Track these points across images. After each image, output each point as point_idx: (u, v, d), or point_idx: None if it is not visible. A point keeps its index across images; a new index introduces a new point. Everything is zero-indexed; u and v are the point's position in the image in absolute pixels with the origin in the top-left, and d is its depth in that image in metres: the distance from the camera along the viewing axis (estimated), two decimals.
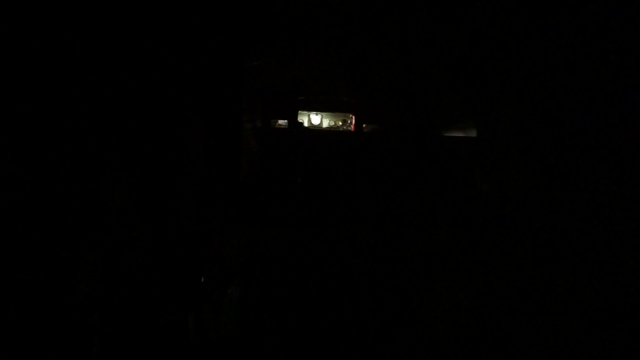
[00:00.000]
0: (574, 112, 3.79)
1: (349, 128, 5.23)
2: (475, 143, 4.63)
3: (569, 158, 3.69)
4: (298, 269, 3.52)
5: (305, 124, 5.17)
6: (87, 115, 2.78)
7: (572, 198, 3.53)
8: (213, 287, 3.29)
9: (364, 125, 5.12)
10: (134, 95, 3.00)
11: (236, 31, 3.72)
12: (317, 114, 5.23)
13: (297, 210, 3.90)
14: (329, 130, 5.21)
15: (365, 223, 3.99)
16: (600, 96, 3.68)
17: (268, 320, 3.28)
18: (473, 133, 4.78)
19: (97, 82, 2.79)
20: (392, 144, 4.69)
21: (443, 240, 3.82)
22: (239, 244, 3.43)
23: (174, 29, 3.12)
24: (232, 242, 3.41)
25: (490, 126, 4.65)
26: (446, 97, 4.83)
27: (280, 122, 5.19)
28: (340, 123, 5.28)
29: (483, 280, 3.51)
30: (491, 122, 4.65)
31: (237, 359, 3.17)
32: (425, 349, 3.16)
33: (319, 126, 5.24)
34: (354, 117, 5.15)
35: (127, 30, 2.88)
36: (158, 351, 3.01)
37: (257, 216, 3.64)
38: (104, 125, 2.87)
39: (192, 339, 3.14)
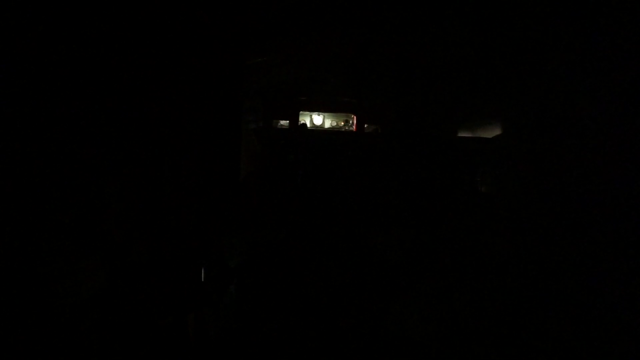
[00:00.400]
0: (576, 113, 3.77)
1: (351, 128, 5.23)
2: (478, 143, 4.61)
3: (571, 159, 3.68)
4: (298, 269, 3.52)
5: (308, 125, 5.18)
6: (86, 115, 2.79)
7: (574, 200, 3.51)
8: (213, 287, 3.30)
9: (365, 126, 5.13)
10: (132, 94, 3.00)
11: (237, 30, 3.72)
12: (319, 114, 5.24)
13: (297, 211, 3.89)
14: (330, 130, 5.22)
15: (366, 224, 3.99)
16: (603, 98, 3.66)
17: (266, 320, 3.28)
18: (475, 133, 4.77)
19: (95, 82, 2.79)
20: (393, 145, 4.69)
21: (444, 241, 3.81)
22: (238, 244, 3.43)
23: (173, 27, 3.12)
24: (232, 242, 3.41)
25: (492, 126, 4.64)
26: (448, 97, 4.82)
27: (282, 122, 5.21)
28: (343, 123, 5.29)
29: (484, 281, 3.50)
30: (493, 122, 4.64)
31: (236, 359, 3.17)
32: (424, 349, 3.15)
33: (321, 126, 5.25)
34: (355, 117, 5.16)
35: (124, 28, 2.88)
36: (158, 351, 3.01)
37: (257, 217, 3.64)
38: (102, 125, 2.87)
39: (192, 339, 3.14)
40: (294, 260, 3.53)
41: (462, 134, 4.86)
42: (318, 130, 5.15)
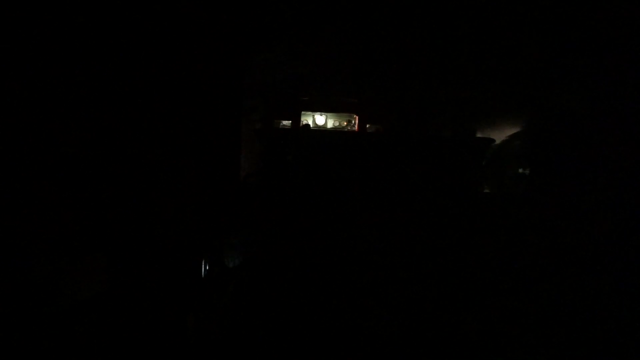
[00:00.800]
0: (577, 112, 3.74)
1: (353, 128, 5.23)
2: (479, 143, 4.59)
3: (573, 160, 3.66)
4: (297, 269, 3.51)
5: (310, 125, 5.19)
6: (86, 115, 2.80)
7: (575, 200, 3.49)
8: (213, 287, 3.30)
9: (367, 126, 5.12)
10: (132, 94, 3.00)
11: (237, 30, 3.72)
12: (321, 115, 5.24)
13: (296, 211, 3.89)
14: (332, 130, 5.22)
15: (368, 223, 3.97)
16: (606, 100, 3.63)
17: (265, 319, 3.28)
18: (476, 133, 4.75)
19: (95, 81, 2.80)
20: (394, 144, 4.68)
21: (445, 240, 3.79)
22: (238, 244, 3.43)
23: (173, 26, 3.11)
24: (232, 242, 3.41)
25: (494, 126, 4.62)
26: (449, 97, 4.81)
27: (284, 122, 5.21)
28: (345, 123, 5.28)
29: (485, 280, 3.48)
30: (495, 122, 4.62)
31: (236, 359, 3.17)
32: (423, 348, 3.13)
33: (324, 126, 5.25)
34: (357, 117, 5.15)
35: (124, 26, 2.88)
36: (158, 351, 3.02)
37: (257, 217, 3.64)
38: (102, 125, 2.88)
39: (192, 338, 3.15)
40: (294, 260, 3.53)
41: (462, 134, 4.83)
42: (320, 130, 5.15)
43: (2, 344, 2.44)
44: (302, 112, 5.16)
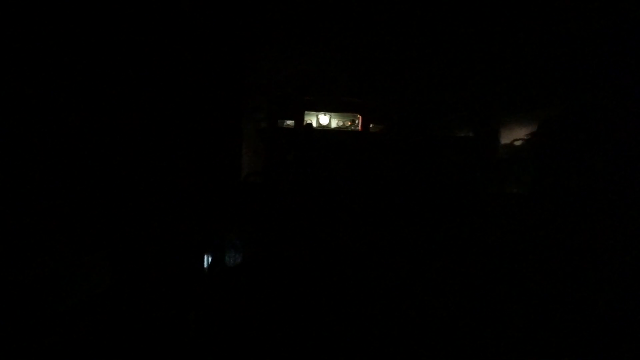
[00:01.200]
0: (582, 112, 3.71)
1: (357, 128, 5.22)
2: (481, 143, 4.56)
3: (573, 158, 3.63)
4: (298, 269, 3.51)
5: (314, 124, 5.19)
6: (87, 114, 2.81)
7: (574, 197, 3.46)
8: (213, 286, 3.31)
9: (370, 125, 5.12)
10: (134, 93, 3.02)
11: (241, 28, 3.73)
12: (325, 114, 5.25)
13: (299, 210, 3.89)
14: (335, 130, 5.22)
15: (371, 223, 3.97)
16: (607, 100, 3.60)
17: (265, 319, 3.28)
18: (479, 133, 4.72)
19: (95, 80, 2.82)
20: (397, 144, 4.66)
21: (448, 240, 3.78)
22: (238, 244, 3.44)
23: (174, 23, 3.12)
24: (232, 242, 3.42)
25: (495, 126, 4.59)
26: (452, 96, 4.79)
27: (288, 122, 5.22)
28: (349, 123, 5.28)
29: (486, 280, 3.46)
30: (496, 121, 4.60)
31: (236, 358, 3.17)
32: (423, 349, 3.12)
33: (327, 126, 5.26)
34: (360, 117, 5.15)
35: (124, 24, 2.89)
36: (158, 351, 3.03)
37: (258, 216, 3.65)
38: (104, 124, 2.90)
39: (194, 337, 3.16)
40: (294, 260, 3.53)
41: (466, 134, 4.81)
42: (323, 130, 5.15)
43: (4, 344, 2.46)
44: (306, 112, 5.16)
